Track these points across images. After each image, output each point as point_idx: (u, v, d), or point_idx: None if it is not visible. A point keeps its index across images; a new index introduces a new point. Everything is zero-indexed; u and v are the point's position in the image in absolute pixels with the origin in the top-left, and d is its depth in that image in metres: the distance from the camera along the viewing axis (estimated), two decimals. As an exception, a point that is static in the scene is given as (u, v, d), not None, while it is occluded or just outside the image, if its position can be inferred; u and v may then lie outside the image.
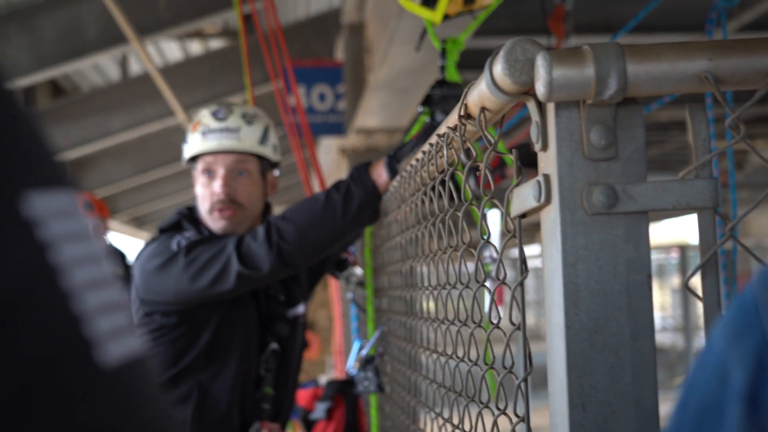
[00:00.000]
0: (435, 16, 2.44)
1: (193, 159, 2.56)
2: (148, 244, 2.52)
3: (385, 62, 4.29)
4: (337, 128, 7.09)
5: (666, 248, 15.55)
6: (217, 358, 2.49)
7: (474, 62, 5.35)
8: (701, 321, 0.97)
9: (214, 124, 2.55)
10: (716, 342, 0.66)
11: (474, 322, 1.30)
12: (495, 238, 1.82)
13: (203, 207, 2.55)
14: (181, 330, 2.47)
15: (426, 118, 2.37)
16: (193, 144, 2.55)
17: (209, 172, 2.54)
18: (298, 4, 8.57)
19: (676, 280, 14.55)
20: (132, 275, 5.54)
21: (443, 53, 2.45)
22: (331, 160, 8.22)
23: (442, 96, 2.37)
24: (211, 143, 2.55)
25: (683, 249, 12.40)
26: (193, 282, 2.35)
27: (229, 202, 2.51)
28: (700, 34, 5.69)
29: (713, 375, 0.65)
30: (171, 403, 0.47)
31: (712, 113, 2.05)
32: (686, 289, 0.93)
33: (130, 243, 16.60)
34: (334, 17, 7.62)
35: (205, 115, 2.58)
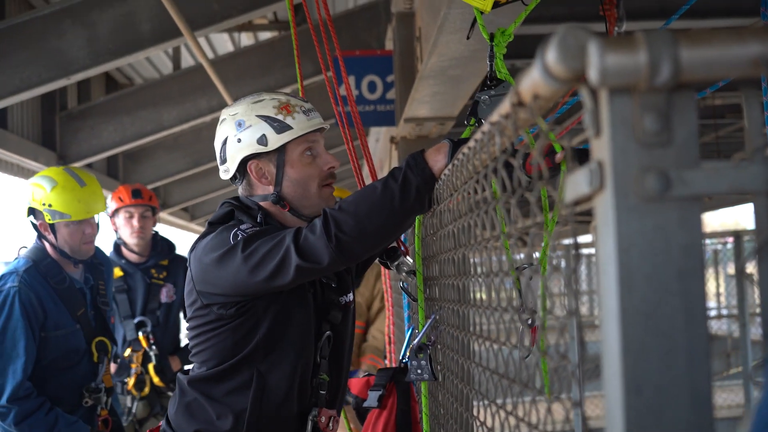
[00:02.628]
0: (485, 4, 2.44)
1: (282, 145, 2.54)
2: (203, 237, 2.53)
3: (435, 51, 4.28)
4: (388, 117, 7.11)
5: (721, 235, 15.34)
6: (276, 348, 2.51)
7: (528, 50, 5.33)
8: (757, 308, 0.97)
9: (305, 104, 2.59)
10: None
11: (530, 310, 1.31)
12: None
13: (309, 186, 2.57)
14: (240, 321, 2.48)
15: (474, 128, 2.41)
16: (301, 123, 2.55)
17: (310, 151, 2.57)
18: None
19: (730, 268, 14.36)
20: (179, 266, 5.59)
21: (491, 45, 2.46)
22: (380, 149, 8.23)
23: (490, 101, 2.39)
24: (316, 120, 2.59)
25: (738, 235, 12.23)
26: (251, 275, 2.35)
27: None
28: (755, 18, 5.61)
29: None
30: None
31: (767, 98, 2.03)
32: (742, 276, 0.93)
33: (181, 234, 16.77)
34: (384, 6, 7.63)
35: (288, 99, 2.58)
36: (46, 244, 4.22)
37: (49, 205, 4.14)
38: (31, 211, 4.21)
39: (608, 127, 0.93)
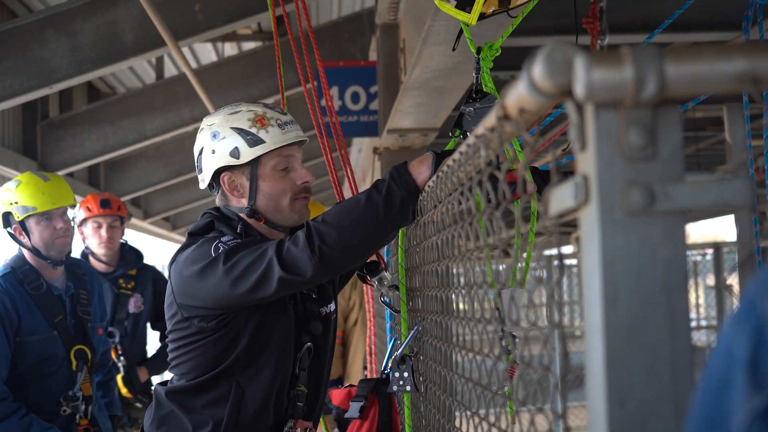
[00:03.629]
0: (471, 18, 2.45)
1: (255, 158, 2.53)
2: (183, 249, 2.52)
3: (419, 62, 4.30)
4: (371, 128, 7.12)
5: (701, 246, 15.43)
6: (256, 359, 2.50)
7: (510, 61, 5.35)
8: None
9: (282, 116, 2.57)
10: (725, 333, 0.80)
11: (511, 321, 1.31)
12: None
13: (281, 201, 2.55)
14: (220, 333, 2.48)
15: (458, 140, 2.42)
16: (275, 137, 2.52)
17: (284, 165, 2.55)
18: (332, 5, 8.60)
19: (710, 279, 14.43)
20: (147, 276, 5.57)
21: (478, 58, 2.47)
22: (363, 160, 8.24)
23: (475, 113, 2.39)
24: (292, 134, 2.57)
25: (718, 247, 12.30)
26: (233, 288, 2.34)
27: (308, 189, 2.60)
28: (736, 32, 5.66)
29: (723, 355, 0.79)
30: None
31: (748, 111, 2.05)
32: (722, 288, 0.95)
33: (162, 244, 16.72)
34: (368, 17, 7.65)
35: (265, 111, 2.56)
36: (24, 251, 4.25)
37: (16, 203, 4.20)
38: (5, 219, 4.23)
39: (594, 142, 0.94)
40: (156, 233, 15.00)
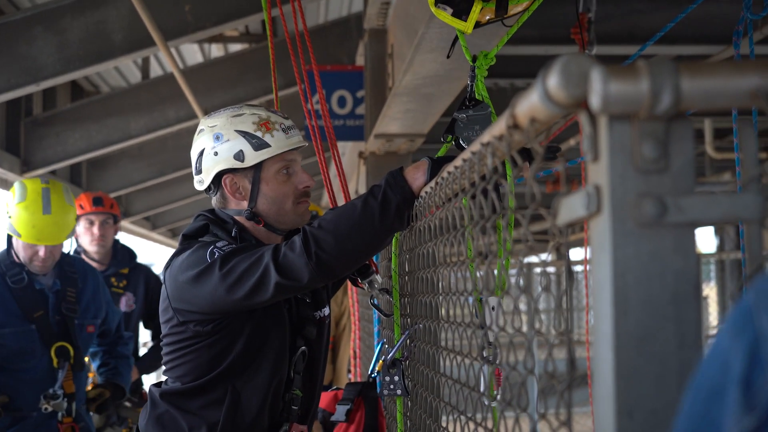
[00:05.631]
0: (467, 26, 2.46)
1: (259, 162, 2.53)
2: (178, 254, 2.51)
3: (410, 68, 4.31)
4: (357, 132, 7.12)
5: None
6: (251, 363, 2.50)
7: (495, 70, 5.37)
8: (713, 330, 1.01)
9: (285, 121, 2.58)
10: (721, 339, 0.81)
11: (514, 329, 1.32)
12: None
13: (284, 204, 2.55)
14: (216, 337, 2.47)
15: (450, 146, 2.43)
16: (280, 141, 2.53)
17: (287, 169, 2.56)
18: (319, 9, 8.60)
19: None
20: (139, 275, 5.56)
21: (473, 66, 2.49)
22: (347, 164, 8.24)
23: (468, 120, 2.41)
24: (295, 139, 2.57)
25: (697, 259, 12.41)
26: (229, 293, 2.34)
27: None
28: (722, 45, 5.70)
29: (718, 365, 0.80)
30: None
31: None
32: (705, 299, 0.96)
33: (142, 243, 16.64)
34: (356, 22, 7.65)
35: (269, 115, 2.56)
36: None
37: (9, 216, 4.16)
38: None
39: (607, 153, 0.95)
40: (136, 232, 14.94)
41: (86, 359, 4.62)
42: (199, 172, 2.59)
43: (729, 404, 0.78)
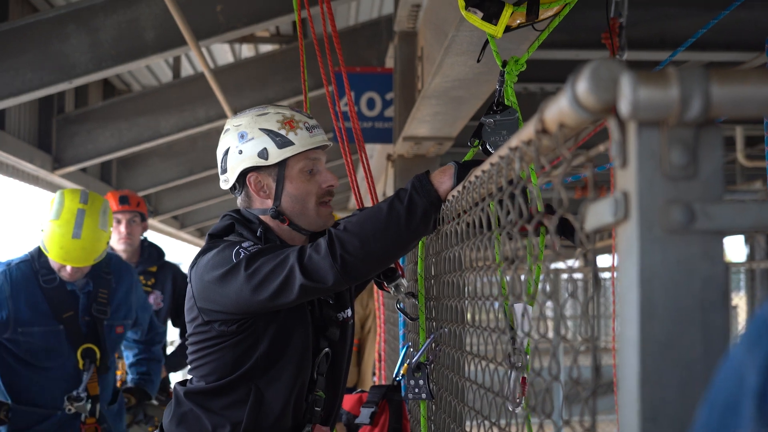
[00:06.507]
0: (497, 30, 2.46)
1: (283, 160, 2.54)
2: (204, 253, 2.53)
3: (439, 71, 4.30)
4: (386, 135, 7.13)
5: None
6: (275, 364, 2.51)
7: (526, 73, 5.36)
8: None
9: (309, 120, 2.59)
10: (736, 352, 0.80)
11: (540, 335, 1.32)
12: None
13: (307, 203, 2.56)
14: (241, 337, 2.49)
15: (476, 150, 2.43)
16: (303, 139, 2.54)
17: (310, 167, 2.57)
18: (349, 11, 8.63)
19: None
20: (167, 273, 5.58)
21: (502, 71, 2.49)
22: (374, 167, 8.25)
23: (495, 125, 2.41)
24: (319, 137, 2.59)
25: (726, 267, 12.31)
26: (254, 294, 2.35)
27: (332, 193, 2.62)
28: (754, 53, 5.66)
29: (734, 378, 0.79)
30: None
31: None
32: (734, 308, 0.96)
33: (170, 242, 16.74)
34: (386, 24, 7.67)
35: (293, 114, 2.58)
36: None
37: (42, 230, 4.14)
38: None
39: (635, 159, 0.95)
40: (165, 231, 15.03)
41: (116, 355, 4.65)
42: (224, 170, 2.61)
43: (744, 418, 0.77)
